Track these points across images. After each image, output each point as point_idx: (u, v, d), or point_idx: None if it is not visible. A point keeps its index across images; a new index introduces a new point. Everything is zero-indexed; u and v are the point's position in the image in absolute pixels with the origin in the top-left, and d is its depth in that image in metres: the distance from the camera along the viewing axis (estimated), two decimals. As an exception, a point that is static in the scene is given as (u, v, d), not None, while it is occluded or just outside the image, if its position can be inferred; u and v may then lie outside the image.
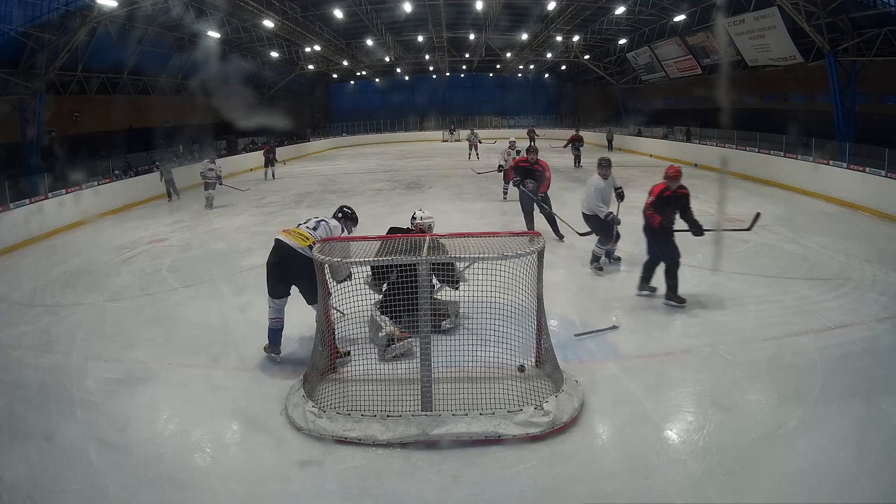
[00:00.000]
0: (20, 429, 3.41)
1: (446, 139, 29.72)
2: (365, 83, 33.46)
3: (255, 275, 6.61)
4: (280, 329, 4.16)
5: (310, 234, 3.98)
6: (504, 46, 26.01)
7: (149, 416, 3.50)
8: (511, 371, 3.51)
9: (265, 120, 22.52)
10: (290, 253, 3.93)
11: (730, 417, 3.30)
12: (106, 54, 15.42)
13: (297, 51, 23.16)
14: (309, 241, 3.92)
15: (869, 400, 3.41)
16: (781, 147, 13.00)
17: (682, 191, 5.09)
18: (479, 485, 2.80)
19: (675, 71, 21.96)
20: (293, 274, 3.98)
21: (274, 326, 4.13)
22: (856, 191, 9.69)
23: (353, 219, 4.47)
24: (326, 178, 16.53)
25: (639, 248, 5.61)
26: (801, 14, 12.51)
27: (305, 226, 4.10)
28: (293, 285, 4.05)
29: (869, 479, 2.72)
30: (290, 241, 3.95)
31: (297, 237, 3.97)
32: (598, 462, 2.99)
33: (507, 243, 3.49)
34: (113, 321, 5.26)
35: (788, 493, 2.67)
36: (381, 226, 5.20)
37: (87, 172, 11.97)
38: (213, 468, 3.03)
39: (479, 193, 12.11)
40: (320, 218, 4.22)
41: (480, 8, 19.37)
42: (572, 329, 4.59)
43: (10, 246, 8.80)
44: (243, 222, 10.05)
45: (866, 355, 3.99)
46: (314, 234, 3.99)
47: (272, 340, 4.15)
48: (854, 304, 4.94)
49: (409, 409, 3.25)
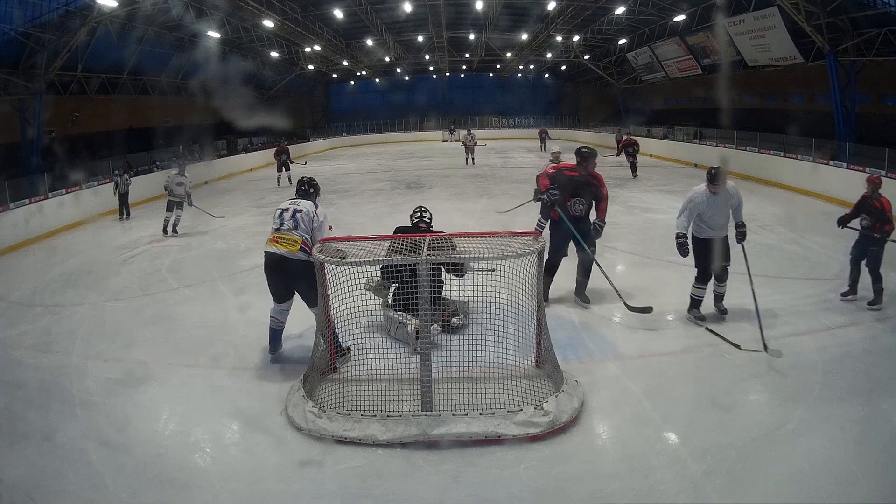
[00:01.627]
0: (20, 429, 3.41)
1: (446, 139, 29.74)
2: (365, 83, 33.48)
3: (255, 275, 6.59)
4: (278, 330, 4.18)
5: (297, 237, 3.93)
6: (504, 46, 26.02)
7: (149, 416, 3.50)
8: (511, 371, 3.50)
9: (265, 120, 22.52)
10: (283, 262, 3.93)
11: (730, 417, 3.30)
12: (106, 54, 15.42)
13: (297, 51, 23.16)
14: (298, 244, 3.91)
15: (869, 400, 3.41)
16: (781, 147, 13.01)
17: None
18: (479, 485, 2.80)
19: (675, 71, 21.97)
20: (290, 280, 4.00)
21: (272, 326, 4.17)
22: (856, 191, 9.55)
23: (316, 188, 4.30)
24: (326, 178, 16.52)
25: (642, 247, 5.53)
26: (801, 14, 12.51)
27: (286, 227, 3.98)
28: (294, 289, 4.07)
29: (869, 479, 2.72)
30: (280, 251, 3.93)
31: (286, 244, 3.93)
32: (598, 462, 2.99)
33: (507, 243, 3.49)
34: (113, 321, 5.26)
35: (788, 493, 2.66)
36: (381, 226, 5.21)
37: (87, 172, 11.95)
38: (213, 468, 3.03)
39: (479, 194, 12.12)
40: (291, 209, 4.03)
41: (480, 8, 19.38)
42: (573, 329, 4.60)
43: (10, 246, 8.80)
44: (243, 222, 10.05)
45: (866, 355, 3.99)
46: (298, 234, 3.95)
47: (270, 339, 4.19)
48: (854, 304, 4.94)
49: (409, 409, 3.25)
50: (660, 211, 9.57)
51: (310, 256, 3.78)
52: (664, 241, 7.46)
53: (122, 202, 10.93)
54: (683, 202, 4.50)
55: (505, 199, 11.29)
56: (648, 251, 7.01)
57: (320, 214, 4.06)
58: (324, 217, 4.07)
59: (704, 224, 4.49)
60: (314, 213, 4.04)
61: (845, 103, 13.16)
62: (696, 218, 4.48)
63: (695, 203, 4.44)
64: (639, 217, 9.17)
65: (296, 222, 3.98)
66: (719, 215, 4.44)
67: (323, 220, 4.03)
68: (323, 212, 4.13)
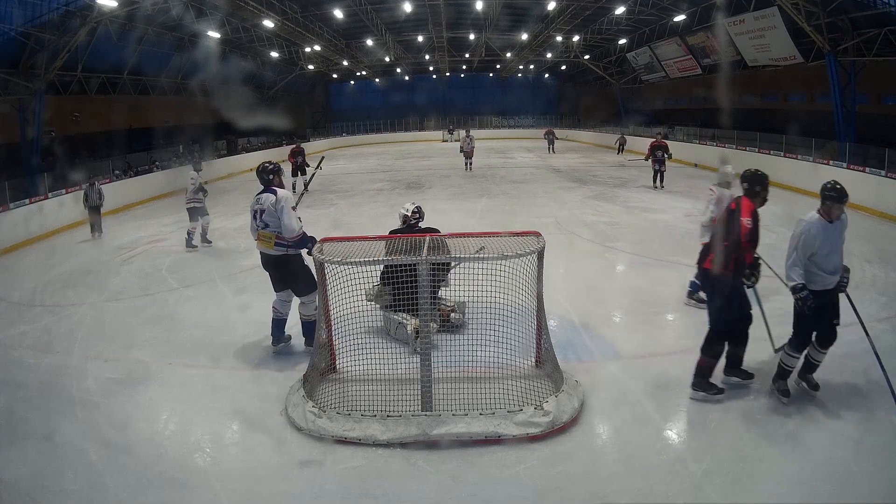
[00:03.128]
0: (20, 429, 3.41)
1: (446, 139, 29.73)
2: (365, 83, 33.47)
3: (255, 275, 6.59)
4: (279, 321, 4.27)
5: (270, 234, 4.05)
6: (504, 46, 26.01)
7: (149, 416, 3.50)
8: (511, 371, 3.50)
9: (265, 120, 22.52)
10: (266, 258, 4.16)
11: (730, 417, 3.30)
12: (106, 54, 15.40)
13: (297, 51, 23.16)
14: (272, 240, 4.04)
15: (869, 400, 3.41)
16: (781, 147, 13.02)
17: None
18: (479, 485, 2.80)
19: (675, 71, 21.96)
20: (278, 272, 4.18)
21: (273, 316, 4.27)
22: (856, 191, 9.60)
23: (276, 172, 4.24)
24: (326, 177, 16.51)
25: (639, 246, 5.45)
26: (801, 14, 12.50)
27: (260, 227, 4.07)
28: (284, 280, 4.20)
29: (869, 479, 2.72)
30: (262, 248, 4.13)
31: (264, 241, 4.09)
32: (598, 462, 2.99)
33: (508, 243, 3.49)
34: (113, 321, 5.26)
35: (788, 493, 2.67)
36: (381, 226, 5.21)
37: (88, 172, 11.93)
38: (213, 468, 3.03)
39: (479, 194, 12.12)
40: (257, 210, 4.10)
41: (480, 8, 19.37)
42: (572, 329, 4.59)
43: (10, 246, 8.80)
44: (243, 222, 10.02)
45: (866, 355, 3.98)
46: (271, 230, 4.04)
47: (272, 330, 4.28)
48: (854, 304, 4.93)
49: (409, 409, 3.25)
50: (660, 211, 9.58)
51: (288, 249, 4.02)
52: (664, 241, 7.48)
53: (95, 216, 9.20)
54: (792, 239, 3.30)
55: (505, 199, 11.31)
56: (648, 251, 7.00)
57: (281, 199, 4.04)
58: (284, 200, 4.05)
59: (817, 268, 3.26)
60: (273, 202, 4.04)
61: (845, 103, 13.15)
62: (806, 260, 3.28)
63: (809, 237, 3.22)
64: (639, 217, 9.16)
65: (264, 222, 4.08)
66: (836, 254, 3.29)
67: (283, 205, 4.02)
68: (283, 194, 4.09)
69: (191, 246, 7.86)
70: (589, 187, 12.75)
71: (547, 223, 8.51)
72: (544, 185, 13.26)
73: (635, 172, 14.37)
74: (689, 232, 7.95)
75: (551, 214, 9.48)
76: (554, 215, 9.38)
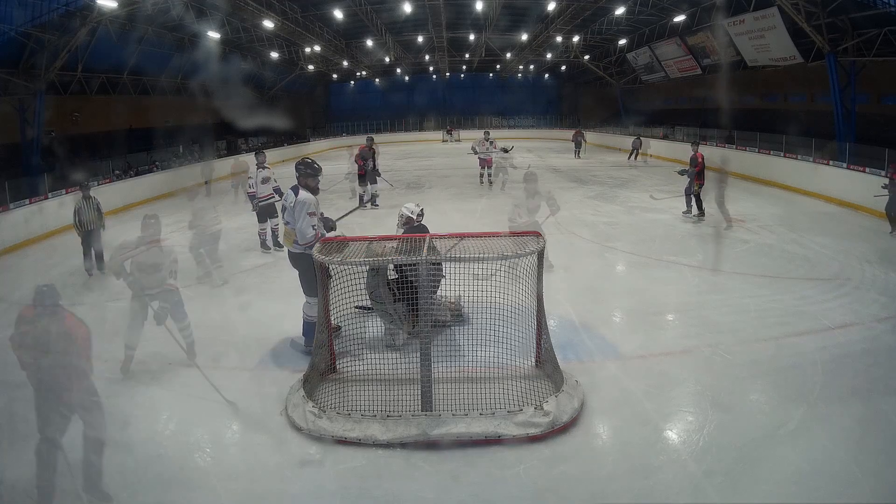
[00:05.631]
0: (20, 429, 3.41)
1: (445, 139, 29.73)
2: (365, 83, 33.45)
3: (256, 275, 6.62)
4: (308, 323, 4.23)
5: (291, 231, 4.17)
6: (504, 47, 26.00)
7: (149, 416, 3.51)
8: (511, 371, 3.50)
9: (265, 120, 22.52)
10: (289, 254, 4.27)
11: (730, 417, 3.30)
12: (106, 54, 15.41)
13: (297, 51, 23.16)
14: (292, 237, 4.15)
15: (869, 400, 3.41)
16: (781, 147, 13.01)
17: None
18: (479, 485, 2.80)
19: (675, 71, 21.95)
20: (295, 270, 4.26)
21: (303, 319, 4.29)
22: (856, 191, 9.68)
23: (312, 170, 4.27)
24: (326, 178, 16.48)
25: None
26: (801, 14, 12.50)
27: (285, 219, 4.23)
28: None
29: (869, 479, 2.72)
30: (285, 245, 4.30)
31: (288, 239, 4.25)
32: (598, 462, 2.99)
33: (507, 243, 3.49)
34: (113, 321, 5.25)
35: (788, 493, 2.67)
36: (381, 226, 5.21)
37: (88, 172, 11.92)
38: (213, 468, 3.03)
39: (479, 194, 12.12)
40: (283, 202, 4.28)
41: (480, 8, 19.35)
42: (573, 329, 4.59)
43: (10, 246, 8.79)
44: (243, 222, 10.03)
45: (866, 355, 3.99)
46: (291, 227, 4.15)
47: (304, 332, 4.32)
48: (854, 304, 4.94)
49: (409, 409, 3.25)
50: (660, 211, 9.57)
51: (305, 249, 4.06)
52: (664, 241, 7.48)
53: (91, 240, 6.86)
54: None
55: (505, 199, 11.27)
56: (648, 251, 7.00)
57: (299, 203, 4.10)
58: (301, 205, 4.09)
59: None
60: (293, 203, 4.14)
61: (845, 103, 13.14)
62: None
63: None
64: (639, 217, 9.16)
65: (287, 219, 4.21)
66: None
67: (300, 209, 4.07)
68: (303, 198, 4.12)
69: (265, 248, 7.50)
70: (589, 187, 12.75)
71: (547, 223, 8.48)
72: (544, 186, 13.23)
73: (636, 173, 14.37)
74: (690, 232, 7.97)
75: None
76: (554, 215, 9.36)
